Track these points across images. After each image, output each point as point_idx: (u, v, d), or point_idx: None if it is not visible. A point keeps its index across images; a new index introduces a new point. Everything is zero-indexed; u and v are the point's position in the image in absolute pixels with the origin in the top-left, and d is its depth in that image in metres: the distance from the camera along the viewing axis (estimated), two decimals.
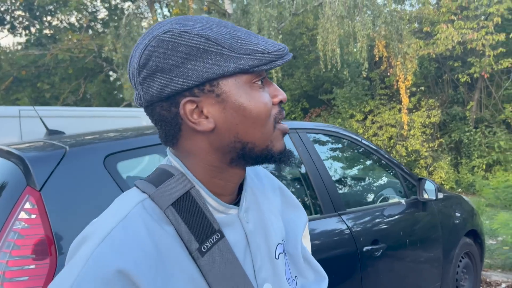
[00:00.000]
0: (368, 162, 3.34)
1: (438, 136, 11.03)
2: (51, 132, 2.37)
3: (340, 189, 2.90)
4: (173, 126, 0.69)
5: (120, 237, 0.62)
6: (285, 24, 9.42)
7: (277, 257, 0.77)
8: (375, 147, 3.12)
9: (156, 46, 0.65)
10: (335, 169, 3.05)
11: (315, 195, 2.47)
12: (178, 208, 0.67)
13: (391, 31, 8.36)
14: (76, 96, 12.67)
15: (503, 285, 4.26)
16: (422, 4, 11.06)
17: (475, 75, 9.89)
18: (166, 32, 0.66)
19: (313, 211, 2.44)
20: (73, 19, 13.49)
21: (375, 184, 3.31)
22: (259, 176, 0.86)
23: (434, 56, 10.14)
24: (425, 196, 3.00)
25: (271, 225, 0.79)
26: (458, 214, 3.45)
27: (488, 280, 4.35)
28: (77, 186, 1.59)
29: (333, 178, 2.75)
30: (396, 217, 2.79)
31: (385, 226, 2.69)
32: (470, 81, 10.46)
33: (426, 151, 10.08)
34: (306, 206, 2.47)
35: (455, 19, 9.65)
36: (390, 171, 3.24)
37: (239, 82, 0.67)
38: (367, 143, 3.07)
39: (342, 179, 3.09)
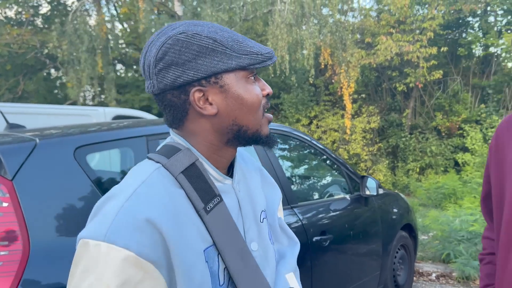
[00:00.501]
0: (317, 161, 3.58)
1: (377, 141, 11.73)
2: (12, 126, 2.36)
3: (292, 184, 3.11)
4: (181, 110, 0.83)
5: (144, 193, 0.75)
6: (235, 29, 9.61)
7: (261, 221, 0.93)
8: (322, 147, 3.36)
9: (172, 44, 0.79)
10: (287, 166, 3.26)
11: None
12: (187, 175, 0.81)
13: (336, 40, 8.83)
14: (14, 94, 12.02)
15: (434, 275, 4.70)
16: (364, 16, 11.75)
17: (410, 85, 10.66)
18: (181, 33, 0.80)
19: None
20: (11, 13, 12.80)
21: (323, 181, 3.56)
22: (244, 158, 1.01)
23: (374, 65, 10.80)
24: (367, 192, 3.29)
25: (256, 195, 0.94)
26: (395, 210, 3.79)
27: (420, 270, 4.78)
28: (48, 176, 1.65)
29: (286, 175, 2.93)
30: (341, 211, 3.04)
31: (332, 219, 2.92)
32: (406, 90, 11.24)
33: (366, 155, 10.70)
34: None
35: (393, 32, 10.35)
36: (336, 169, 3.51)
37: (238, 76, 0.82)
38: (316, 143, 3.31)
39: (294, 175, 3.30)
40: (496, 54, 11.61)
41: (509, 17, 11.28)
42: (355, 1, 11.53)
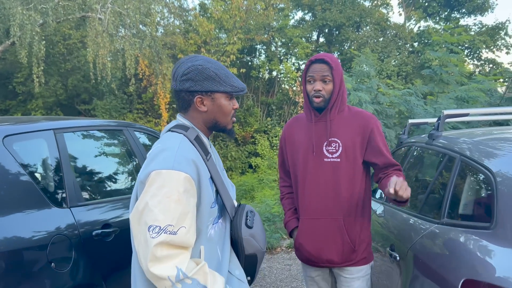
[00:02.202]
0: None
1: None
2: None
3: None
4: (187, 104, 1.57)
5: (184, 147, 1.47)
6: (49, 31, 9.26)
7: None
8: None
9: (194, 69, 1.52)
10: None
11: None
12: (196, 141, 1.54)
13: (153, 53, 9.56)
14: None
15: None
16: (173, 33, 12.80)
17: None
18: (200, 65, 1.53)
19: None
20: None
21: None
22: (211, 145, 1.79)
23: None
24: None
25: (222, 165, 1.73)
26: None
27: None
28: None
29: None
30: None
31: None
32: None
33: None
34: None
35: (203, 51, 11.74)
36: None
37: (222, 96, 1.53)
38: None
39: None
40: (278, 77, 14.36)
41: (285, 49, 14.17)
42: (162, 17, 12.41)
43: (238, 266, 1.63)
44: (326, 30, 14.31)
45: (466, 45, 13.19)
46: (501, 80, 7.55)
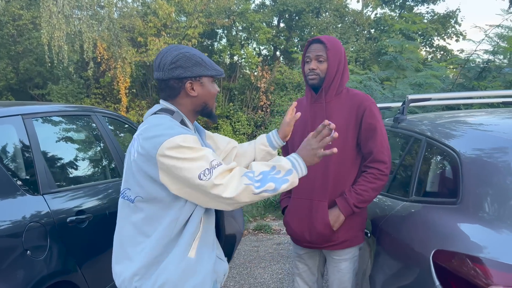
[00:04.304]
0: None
1: None
2: None
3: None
4: (177, 91, 1.60)
5: (177, 124, 1.52)
6: None
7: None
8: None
9: (182, 56, 1.57)
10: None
11: (113, 161, 3.24)
12: (181, 124, 1.57)
13: (112, 36, 9.26)
14: None
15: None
16: (131, 15, 12.41)
17: None
18: (187, 52, 1.58)
19: (111, 175, 3.22)
20: None
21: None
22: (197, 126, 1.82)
23: (148, 63, 11.65)
24: None
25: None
26: None
27: None
28: None
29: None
30: None
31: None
32: None
33: None
34: (114, 172, 3.22)
35: (164, 34, 11.48)
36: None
37: (209, 79, 1.62)
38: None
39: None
40: (239, 62, 14.31)
41: (247, 33, 14.12)
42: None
43: (218, 246, 1.69)
44: (287, 15, 14.39)
45: (419, 33, 13.71)
46: (451, 67, 7.94)
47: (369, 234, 2.24)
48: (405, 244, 1.78)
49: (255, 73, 12.58)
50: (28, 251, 2.11)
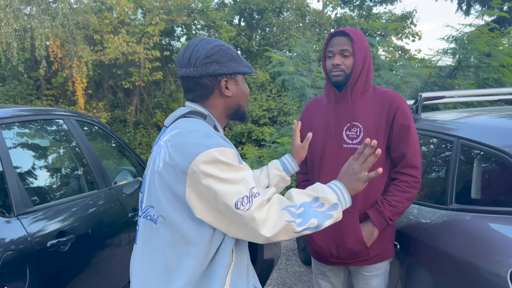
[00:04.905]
0: (110, 147, 3.86)
1: None
2: None
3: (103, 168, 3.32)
4: (210, 90, 1.33)
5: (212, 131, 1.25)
6: None
7: None
8: (117, 137, 3.69)
9: (218, 50, 1.30)
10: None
11: (91, 172, 2.85)
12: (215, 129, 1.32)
13: (66, 33, 8.60)
14: None
15: None
16: (84, 12, 11.68)
17: (136, 83, 11.47)
18: (222, 45, 1.32)
19: (90, 187, 2.83)
20: None
21: (119, 166, 3.88)
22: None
23: (106, 62, 10.99)
24: None
25: None
26: None
27: None
28: None
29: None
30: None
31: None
32: (131, 88, 11.99)
33: None
34: (89, 183, 2.83)
35: (124, 31, 10.89)
36: (127, 157, 3.90)
37: (242, 78, 1.36)
38: (112, 133, 3.61)
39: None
40: None
41: (208, 32, 13.76)
42: None
43: (253, 274, 1.43)
44: (247, 14, 14.17)
45: (378, 33, 13.95)
46: (418, 65, 8.05)
47: (398, 246, 2.04)
48: (463, 259, 1.58)
49: None
50: (6, 287, 1.73)
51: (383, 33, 13.68)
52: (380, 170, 1.28)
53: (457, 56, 7.71)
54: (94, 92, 12.68)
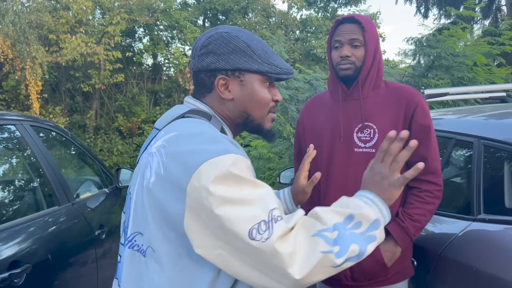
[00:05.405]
0: (71, 155, 3.43)
1: None
2: None
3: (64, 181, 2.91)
4: (207, 88, 1.05)
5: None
6: None
7: None
8: (79, 143, 3.28)
9: (217, 38, 1.02)
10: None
11: (50, 185, 2.45)
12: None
13: (18, 32, 7.94)
14: None
15: None
16: (37, 10, 10.94)
17: (96, 86, 10.85)
18: (225, 32, 1.03)
19: (49, 203, 2.43)
20: None
21: (81, 176, 3.46)
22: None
23: (64, 64, 10.29)
24: (125, 183, 3.45)
25: None
26: None
27: None
28: None
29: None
30: (108, 202, 3.14)
31: (108, 211, 3.00)
32: (91, 91, 11.35)
33: None
34: (48, 198, 2.43)
35: (82, 31, 10.25)
36: (91, 165, 3.49)
37: (255, 78, 1.04)
38: (73, 139, 3.20)
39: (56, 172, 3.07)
40: (165, 63, 13.45)
41: (171, 32, 13.29)
42: None
43: None
44: (210, 14, 13.82)
45: None
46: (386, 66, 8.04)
47: (415, 263, 1.79)
48: (505, 281, 1.34)
49: (183, 75, 11.82)
50: None
51: None
52: (421, 164, 0.94)
53: (417, 57, 7.79)
54: (50, 96, 11.90)
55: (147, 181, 0.92)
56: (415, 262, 1.76)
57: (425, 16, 13.89)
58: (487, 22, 12.30)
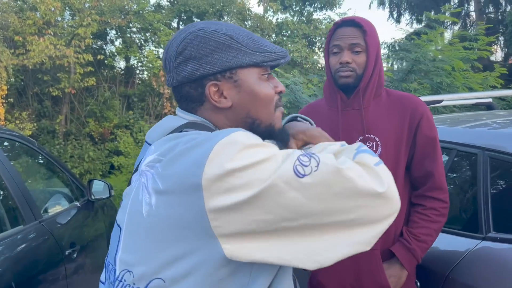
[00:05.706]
0: (38, 165, 3.18)
1: None
2: None
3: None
4: (197, 102, 0.88)
5: None
6: None
7: None
8: (46, 153, 3.04)
9: (192, 39, 0.85)
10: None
11: (14, 202, 2.23)
12: None
13: None
14: None
15: None
16: (3, 11, 10.43)
17: (66, 90, 10.42)
18: (200, 30, 0.86)
19: (12, 222, 2.20)
20: None
21: (49, 188, 3.22)
22: None
23: (31, 67, 9.81)
24: (97, 196, 3.21)
25: None
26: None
27: None
28: None
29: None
30: (80, 217, 2.92)
31: (80, 227, 2.77)
32: (61, 95, 10.90)
33: None
34: (11, 217, 2.20)
35: (51, 33, 9.82)
36: (60, 177, 3.25)
37: (251, 73, 0.88)
38: (40, 149, 2.96)
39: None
40: (138, 66, 13.10)
41: (144, 35, 12.96)
42: None
43: None
44: (185, 17, 13.56)
45: (319, 38, 14.03)
46: None
47: (418, 284, 1.67)
48: None
49: (157, 78, 11.51)
50: None
51: (323, 38, 13.76)
52: None
53: (391, 62, 7.82)
54: (16, 101, 11.34)
55: (146, 204, 0.77)
56: (418, 283, 1.65)
57: (398, 21, 14.15)
58: (456, 27, 12.61)
